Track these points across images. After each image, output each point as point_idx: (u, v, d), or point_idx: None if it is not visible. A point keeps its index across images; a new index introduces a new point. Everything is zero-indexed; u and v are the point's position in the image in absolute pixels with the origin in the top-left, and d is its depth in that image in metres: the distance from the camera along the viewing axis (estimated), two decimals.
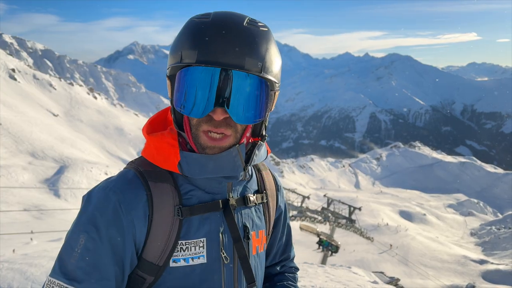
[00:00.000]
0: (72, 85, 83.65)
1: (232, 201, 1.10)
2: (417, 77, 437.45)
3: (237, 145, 1.04)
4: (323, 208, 34.93)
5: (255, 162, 1.13)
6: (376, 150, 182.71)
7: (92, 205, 0.99)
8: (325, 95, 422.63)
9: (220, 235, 1.07)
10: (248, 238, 1.13)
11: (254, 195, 1.18)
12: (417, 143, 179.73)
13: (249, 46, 0.96)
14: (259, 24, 1.02)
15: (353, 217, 34.55)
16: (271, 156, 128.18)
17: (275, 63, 1.02)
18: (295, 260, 1.49)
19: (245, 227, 1.13)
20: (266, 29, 1.03)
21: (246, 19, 1.00)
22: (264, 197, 1.23)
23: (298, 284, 1.28)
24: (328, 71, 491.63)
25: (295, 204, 34.15)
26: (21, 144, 43.18)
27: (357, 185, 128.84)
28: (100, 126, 68.97)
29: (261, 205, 1.23)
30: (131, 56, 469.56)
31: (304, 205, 34.27)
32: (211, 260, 1.05)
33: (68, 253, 0.96)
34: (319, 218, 32.67)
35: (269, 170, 1.35)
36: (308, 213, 33.24)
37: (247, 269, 1.10)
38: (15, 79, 69.09)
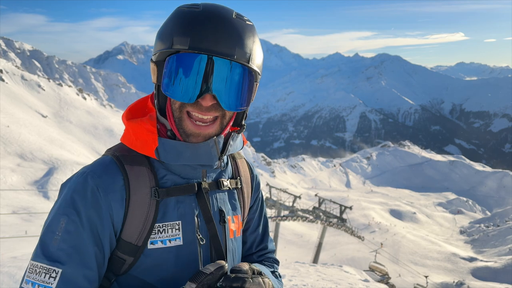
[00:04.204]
0: (61, 85, 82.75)
1: (205, 185, 1.13)
2: (406, 77, 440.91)
3: (215, 137, 1.08)
4: (314, 208, 34.97)
5: (230, 152, 1.16)
6: (367, 150, 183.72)
7: (71, 190, 1.02)
8: (316, 95, 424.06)
9: (195, 217, 1.10)
10: (224, 222, 1.16)
11: (228, 180, 1.21)
12: (407, 142, 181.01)
13: (239, 37, 1.00)
14: (245, 18, 1.07)
15: (344, 216, 34.62)
16: (262, 156, 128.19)
17: (260, 55, 1.08)
18: (287, 259, 1.45)
19: (220, 211, 1.16)
20: (251, 23, 1.08)
21: (234, 13, 1.05)
22: (239, 183, 1.26)
23: (290, 283, 1.32)
24: (319, 71, 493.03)
25: (287, 204, 34.11)
26: (9, 146, 42.63)
27: (348, 185, 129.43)
28: (89, 127, 68.33)
29: (235, 190, 1.25)
30: (120, 57, 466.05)
31: (295, 204, 34.26)
32: (187, 242, 1.08)
33: (49, 237, 0.98)
34: (311, 217, 32.71)
35: (245, 159, 1.37)
36: (300, 213, 33.25)
37: (217, 248, 1.12)
38: (3, 80, 68.18)
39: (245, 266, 1.01)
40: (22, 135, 46.33)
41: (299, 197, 34.78)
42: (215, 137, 1.08)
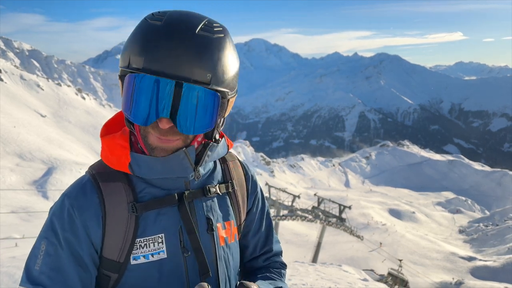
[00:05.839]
0: (60, 85, 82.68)
1: (188, 194, 1.09)
2: (405, 76, 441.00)
3: (184, 148, 1.02)
4: (313, 207, 35.09)
5: (208, 162, 1.11)
6: (366, 149, 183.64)
7: (51, 213, 1.04)
8: (315, 95, 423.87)
9: (180, 228, 1.07)
10: (212, 230, 1.12)
11: (216, 186, 1.16)
12: (406, 142, 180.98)
13: (198, 57, 0.91)
14: (215, 29, 0.97)
15: (343, 215, 34.70)
16: (261, 156, 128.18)
17: (228, 71, 0.98)
18: (286, 259, 1.44)
19: (208, 219, 1.12)
20: (222, 35, 0.98)
21: (202, 24, 0.95)
22: (230, 187, 1.21)
23: (289, 282, 1.29)
24: (318, 70, 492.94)
25: (286, 203, 34.18)
26: (8, 145, 42.60)
27: (347, 184, 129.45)
28: (88, 126, 68.31)
29: (226, 195, 1.21)
30: (119, 56, 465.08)
31: (294, 204, 34.33)
32: (172, 255, 1.05)
33: (32, 261, 0.99)
34: (310, 217, 32.78)
35: (239, 160, 1.32)
36: (299, 212, 33.33)
37: (200, 260, 1.08)
38: (1, 80, 68.13)
39: (254, 286, 0.98)
40: (21, 135, 46.29)
41: (298, 196, 34.87)
42: (185, 148, 1.02)
